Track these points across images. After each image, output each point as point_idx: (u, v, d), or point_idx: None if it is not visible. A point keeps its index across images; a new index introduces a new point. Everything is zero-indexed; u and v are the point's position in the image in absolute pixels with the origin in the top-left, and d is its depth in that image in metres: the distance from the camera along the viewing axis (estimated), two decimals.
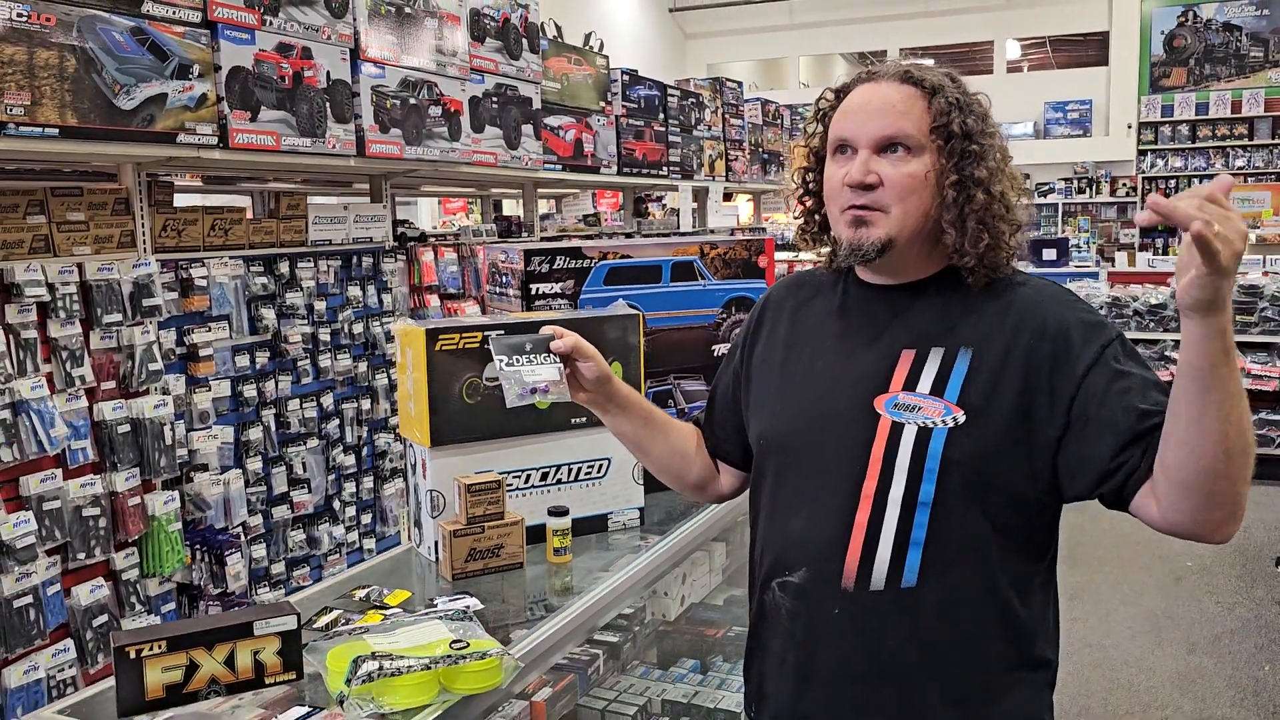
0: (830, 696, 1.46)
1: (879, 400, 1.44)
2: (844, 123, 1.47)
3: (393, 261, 4.01)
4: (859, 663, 1.43)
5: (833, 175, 1.48)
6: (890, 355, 1.46)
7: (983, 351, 1.42)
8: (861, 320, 1.52)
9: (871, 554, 1.41)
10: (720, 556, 2.88)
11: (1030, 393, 1.38)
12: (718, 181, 6.64)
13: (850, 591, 1.42)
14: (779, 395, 1.57)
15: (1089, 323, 1.40)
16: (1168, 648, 4.44)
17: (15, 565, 2.57)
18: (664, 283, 2.51)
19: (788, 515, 1.51)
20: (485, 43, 4.18)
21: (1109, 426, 1.33)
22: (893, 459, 1.41)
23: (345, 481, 3.82)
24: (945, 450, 1.38)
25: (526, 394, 1.61)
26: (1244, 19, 14.08)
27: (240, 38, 2.97)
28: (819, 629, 1.46)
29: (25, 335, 2.65)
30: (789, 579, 1.49)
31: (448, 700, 1.48)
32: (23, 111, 2.40)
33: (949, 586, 1.40)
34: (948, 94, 1.44)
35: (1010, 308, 1.44)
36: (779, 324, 1.63)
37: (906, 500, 1.40)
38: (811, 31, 16.23)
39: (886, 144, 1.43)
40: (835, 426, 1.47)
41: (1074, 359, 1.37)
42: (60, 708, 1.53)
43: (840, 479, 1.45)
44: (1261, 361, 6.87)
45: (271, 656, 1.53)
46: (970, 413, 1.39)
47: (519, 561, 2.04)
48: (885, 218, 1.42)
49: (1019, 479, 1.40)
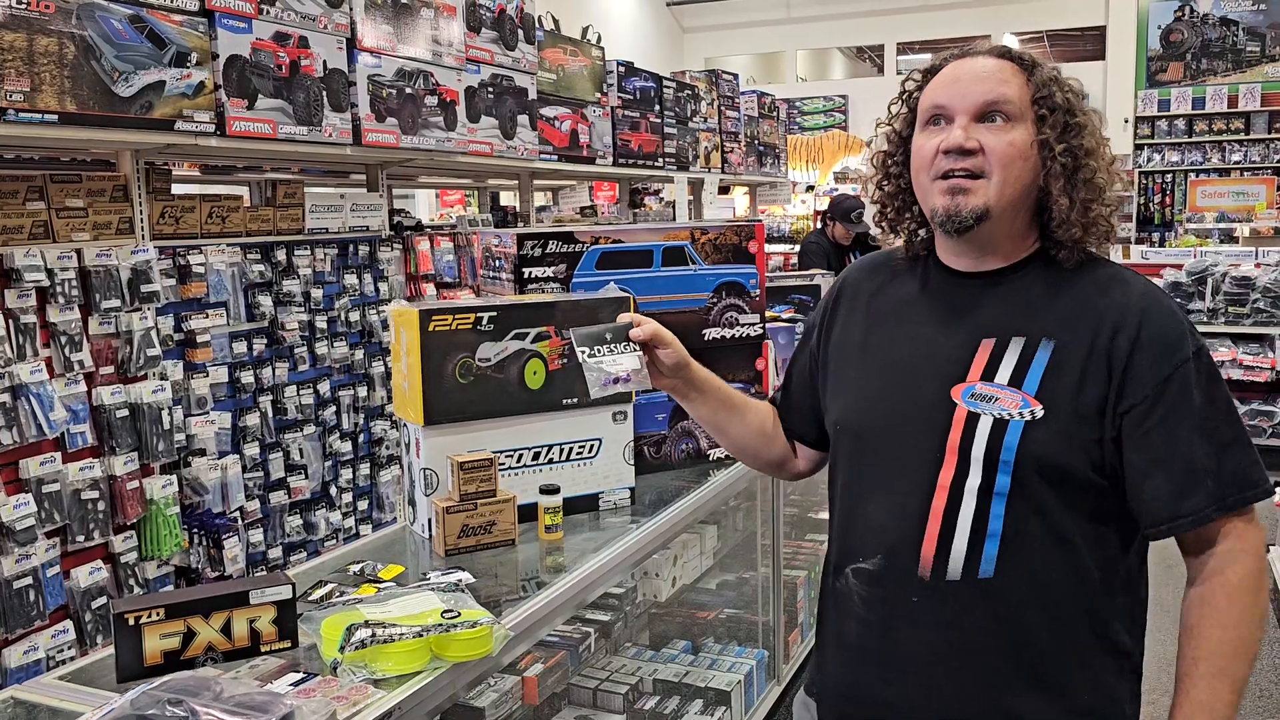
0: (909, 682, 1.45)
1: (956, 389, 1.43)
2: (939, 91, 1.45)
3: (389, 250, 4.04)
4: (938, 649, 1.42)
5: (924, 145, 1.45)
6: (970, 344, 1.44)
7: (1066, 344, 1.40)
8: (942, 306, 1.50)
9: (947, 545, 1.40)
10: (711, 539, 2.92)
11: (1108, 390, 1.38)
12: (713, 173, 6.67)
13: (926, 580, 1.41)
14: (857, 380, 1.55)
15: (1174, 335, 1.39)
16: (1156, 634, 4.44)
17: (15, 547, 2.61)
18: (655, 267, 2.54)
19: (863, 502, 1.50)
20: (481, 33, 4.21)
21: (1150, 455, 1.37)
22: (969, 449, 1.40)
23: (342, 468, 3.85)
24: (1021, 443, 1.37)
25: (609, 384, 1.59)
26: (1241, 13, 14.10)
27: (238, 26, 3.00)
28: (896, 616, 1.45)
29: (25, 320, 2.68)
30: (863, 566, 1.48)
31: (439, 667, 1.52)
32: (22, 98, 2.43)
33: (1025, 577, 1.39)
34: (1045, 70, 1.44)
35: (1098, 301, 1.42)
36: (856, 307, 1.61)
37: (983, 491, 1.39)
38: (808, 25, 16.23)
39: (986, 111, 1.41)
40: (912, 414, 1.45)
41: (1143, 372, 1.37)
42: (61, 674, 1.57)
43: (916, 467, 1.44)
44: (1254, 353, 6.91)
45: (267, 625, 1.56)
46: (1048, 407, 1.38)
47: (511, 538, 2.08)
48: (984, 186, 1.40)
49: (1094, 472, 1.39)
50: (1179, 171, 14.14)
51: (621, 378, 1.59)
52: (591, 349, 1.60)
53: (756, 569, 3.29)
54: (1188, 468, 1.36)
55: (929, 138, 1.44)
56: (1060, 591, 1.40)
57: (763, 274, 2.74)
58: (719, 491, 2.55)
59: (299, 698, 1.37)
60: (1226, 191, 11.46)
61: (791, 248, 10.08)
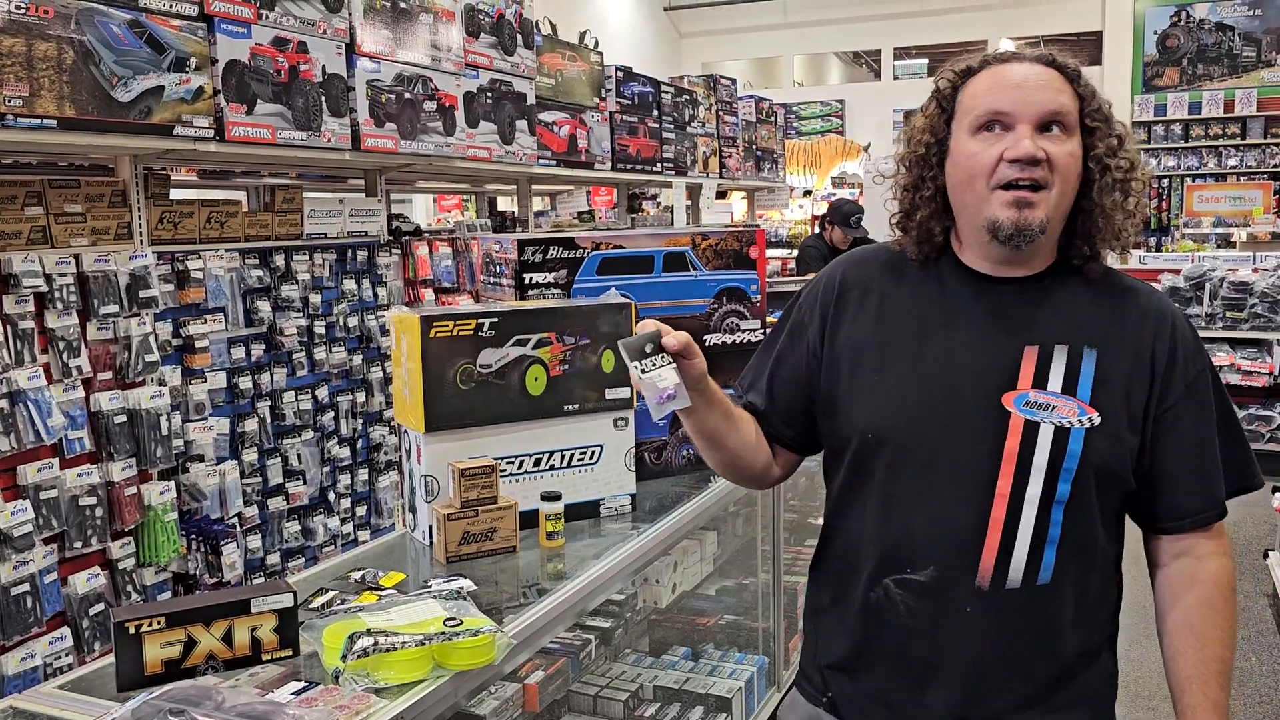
0: (957, 691, 1.44)
1: (1007, 397, 1.42)
2: (998, 97, 1.41)
3: (388, 255, 4.04)
4: (989, 658, 1.43)
5: (982, 152, 1.41)
6: (1013, 351, 1.44)
7: (1107, 352, 1.43)
8: (975, 313, 1.47)
9: (1008, 553, 1.40)
10: (711, 545, 2.91)
11: (1150, 395, 1.44)
12: (711, 178, 6.66)
13: (985, 590, 1.41)
14: (886, 386, 1.49)
15: (1196, 341, 1.49)
16: (1155, 639, 4.47)
17: (12, 554, 2.60)
18: (656, 273, 2.54)
19: (907, 512, 1.46)
20: (480, 38, 4.20)
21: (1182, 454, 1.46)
22: (1029, 458, 1.39)
23: (340, 473, 3.84)
24: (1084, 451, 1.39)
25: (664, 400, 1.47)
26: (1237, 19, 14.14)
27: (237, 31, 2.99)
28: (948, 627, 1.43)
29: (22, 325, 2.67)
30: (912, 577, 1.45)
31: (441, 676, 1.51)
32: (21, 103, 2.42)
33: (1077, 581, 1.43)
34: (1086, 79, 1.45)
35: (1132, 308, 1.47)
36: (866, 306, 1.54)
37: (1044, 499, 1.40)
38: (806, 31, 16.26)
39: (1047, 121, 1.40)
40: (961, 423, 1.43)
41: (1178, 374, 1.45)
42: (61, 683, 1.56)
43: (971, 476, 1.42)
44: (1252, 358, 6.92)
45: (268, 634, 1.56)
46: (1103, 414, 1.41)
47: (512, 545, 2.07)
48: (1046, 197, 1.39)
49: (1133, 476, 1.46)
50: (1175, 176, 14.16)
51: (669, 394, 1.47)
52: (641, 363, 1.47)
53: (756, 575, 3.28)
54: (1213, 463, 1.46)
55: (986, 145, 1.41)
56: (1097, 592, 1.47)
57: (764, 279, 2.73)
58: (719, 498, 2.54)
59: (301, 707, 1.36)
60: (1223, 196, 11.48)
61: (789, 252, 10.08)
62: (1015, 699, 1.44)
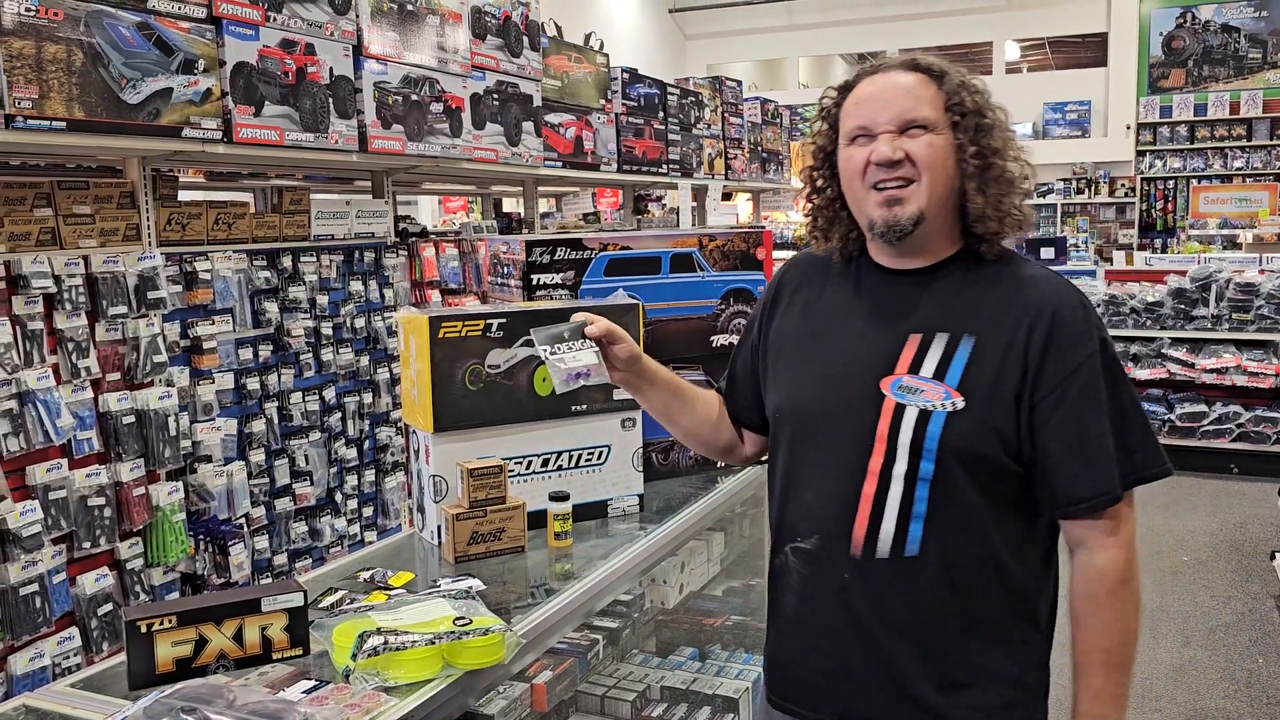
0: (841, 652, 1.57)
1: (885, 382, 1.53)
2: (861, 110, 1.55)
3: (394, 257, 4.04)
4: (867, 622, 1.54)
5: (854, 156, 1.55)
6: (898, 339, 1.55)
7: (985, 339, 1.51)
8: (874, 304, 1.61)
9: (877, 525, 1.53)
10: (719, 546, 2.91)
11: (1023, 382, 1.49)
12: (717, 180, 6.67)
13: (858, 559, 1.54)
14: (795, 372, 1.66)
15: (1082, 329, 1.50)
16: (1163, 640, 4.47)
17: (21, 554, 2.60)
18: (663, 274, 2.54)
19: (801, 486, 1.62)
20: (486, 40, 4.21)
21: (1062, 441, 1.49)
22: (895, 438, 1.51)
23: (347, 474, 3.85)
24: (943, 433, 1.49)
25: (572, 379, 1.71)
26: (1242, 20, 14.12)
27: (245, 33, 3.00)
28: (829, 592, 1.57)
29: (32, 326, 2.68)
30: (801, 545, 1.61)
31: (451, 674, 1.51)
32: (31, 105, 2.43)
33: (948, 555, 1.51)
34: (954, 77, 1.54)
35: (1018, 298, 1.53)
36: (795, 303, 1.72)
37: (909, 476, 1.50)
38: (811, 33, 16.27)
39: (907, 126, 1.51)
40: (845, 405, 1.56)
41: (1053, 363, 1.49)
42: (72, 681, 1.57)
43: (848, 454, 1.55)
44: (1258, 359, 6.90)
45: (279, 632, 1.56)
46: (968, 398, 1.49)
47: (520, 545, 2.07)
48: (916, 191, 1.51)
49: (1011, 460, 1.51)
50: (1181, 178, 14.14)
51: (582, 372, 1.72)
52: (552, 347, 1.73)
53: (763, 576, 3.27)
54: (1096, 452, 1.48)
55: (857, 150, 1.55)
56: (977, 569, 1.52)
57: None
58: (726, 498, 2.54)
59: (312, 705, 1.37)
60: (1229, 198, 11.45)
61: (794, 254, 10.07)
62: (903, 666, 1.53)
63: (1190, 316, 7.20)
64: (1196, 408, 7.06)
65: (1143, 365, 7.29)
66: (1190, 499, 6.55)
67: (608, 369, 1.76)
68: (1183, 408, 7.09)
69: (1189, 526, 5.99)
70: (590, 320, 1.75)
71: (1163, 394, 7.31)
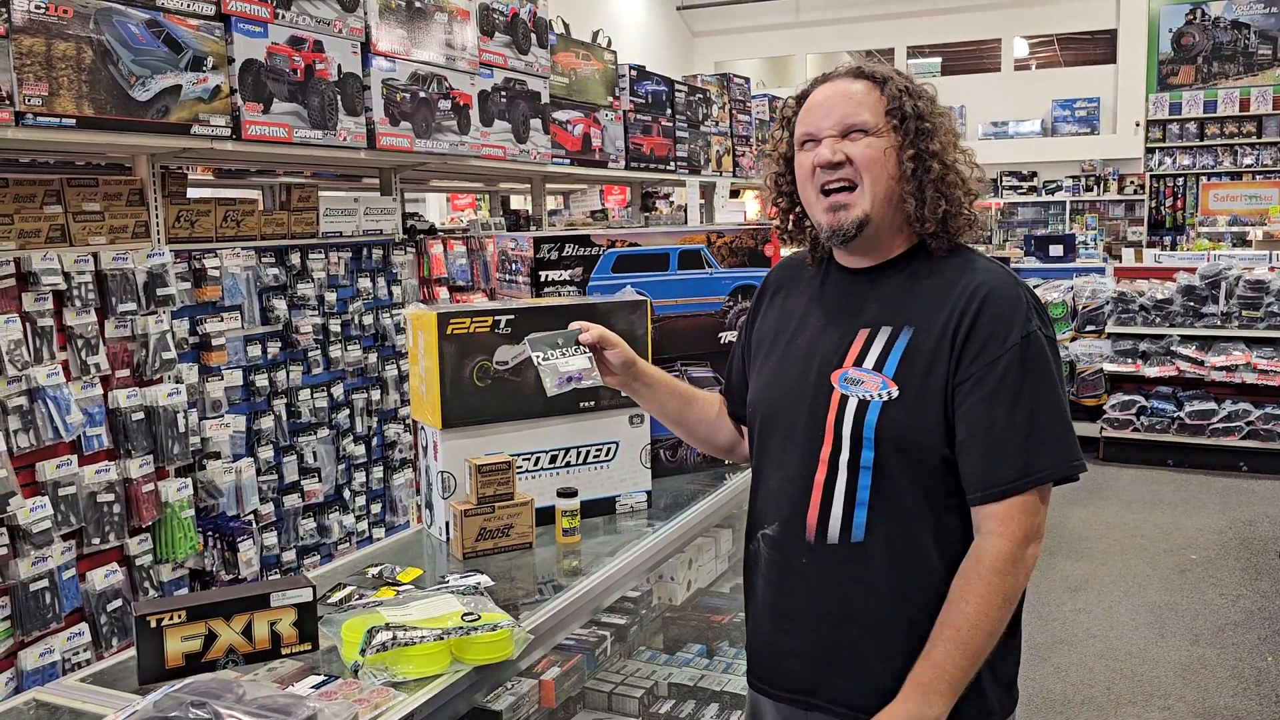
0: (805, 634, 1.65)
1: (835, 374, 1.61)
2: (807, 118, 1.63)
3: (402, 254, 4.05)
4: (825, 605, 1.62)
5: (803, 162, 1.64)
6: (850, 333, 1.63)
7: (921, 330, 1.57)
8: (834, 301, 1.69)
9: (827, 512, 1.60)
10: (726, 543, 2.91)
11: (949, 369, 1.54)
12: (725, 177, 6.66)
13: (812, 544, 1.62)
14: (766, 369, 1.76)
15: (1008, 319, 1.53)
16: (1171, 639, 4.46)
17: (31, 549, 2.62)
18: (671, 270, 2.54)
19: (766, 476, 1.72)
20: (494, 37, 4.21)
21: (970, 428, 1.52)
22: (840, 428, 1.58)
23: (355, 471, 3.86)
24: (879, 421, 1.55)
25: (564, 383, 1.81)
26: (1252, 16, 14.06)
27: (253, 30, 3.01)
28: (790, 576, 1.65)
29: (42, 323, 2.69)
30: (767, 531, 1.69)
31: (459, 670, 1.51)
32: (41, 102, 2.44)
33: (891, 541, 1.57)
34: (897, 83, 1.61)
35: (954, 289, 1.58)
36: (775, 304, 1.81)
37: (851, 464, 1.58)
38: (818, 29, 16.23)
39: (847, 130, 1.58)
40: (801, 398, 1.64)
41: (973, 351, 1.52)
42: (82, 676, 1.57)
43: (803, 444, 1.63)
44: (1268, 357, 6.87)
45: (288, 628, 1.56)
46: (902, 388, 1.55)
47: (528, 542, 2.07)
48: (859, 195, 1.58)
49: (944, 446, 1.55)
50: (1190, 175, 14.09)
51: (574, 376, 1.81)
52: (545, 353, 1.82)
53: None
54: (1003, 442, 1.51)
55: (805, 155, 1.63)
56: (922, 554, 1.56)
57: None
58: (734, 495, 2.54)
59: (321, 700, 1.37)
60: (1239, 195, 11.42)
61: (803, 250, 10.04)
62: (859, 641, 1.59)
63: (1200, 314, 7.18)
64: (1206, 405, 7.03)
65: (1152, 363, 7.27)
66: (1199, 497, 6.53)
67: (603, 373, 1.85)
68: (1192, 405, 7.07)
69: (1198, 524, 5.98)
70: (585, 328, 1.85)
71: (1172, 391, 7.29)
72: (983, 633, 1.50)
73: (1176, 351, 7.18)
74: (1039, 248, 9.96)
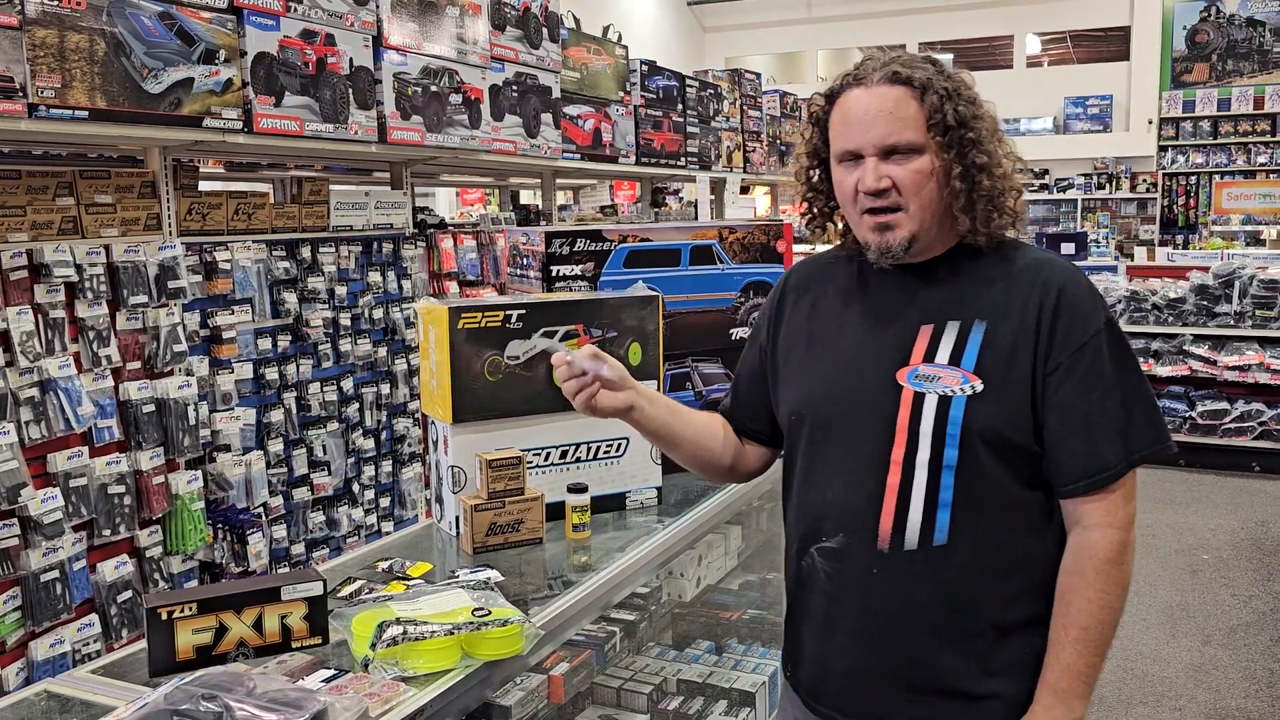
0: (871, 649, 1.56)
1: (901, 373, 1.54)
2: (846, 132, 1.55)
3: (413, 248, 4.05)
4: (896, 617, 1.53)
5: (845, 181, 1.57)
6: (910, 331, 1.56)
7: (997, 323, 1.52)
8: (881, 300, 1.62)
9: (904, 516, 1.52)
10: (735, 540, 2.91)
11: (1034, 360, 1.50)
12: (735, 173, 6.65)
13: (885, 553, 1.53)
14: (808, 373, 1.66)
15: (1088, 307, 1.52)
16: (1183, 639, 4.43)
17: (43, 540, 2.62)
18: (683, 266, 2.53)
19: (822, 485, 1.61)
20: (506, 31, 4.20)
21: (1064, 417, 1.49)
22: (917, 426, 1.51)
23: (364, 465, 3.86)
24: (965, 416, 1.49)
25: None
26: (1267, 14, 13.97)
27: (265, 23, 3.00)
28: (857, 589, 1.56)
29: (54, 315, 2.70)
30: (826, 544, 1.59)
31: (470, 665, 1.51)
32: (53, 94, 2.44)
33: (976, 541, 1.51)
34: (936, 87, 1.52)
35: (1023, 281, 1.54)
36: (801, 305, 1.72)
37: (933, 464, 1.50)
38: (829, 25, 16.19)
39: (889, 151, 1.52)
40: (862, 400, 1.56)
41: (1060, 340, 1.49)
42: (93, 667, 1.57)
43: (870, 448, 1.54)
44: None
45: (298, 621, 1.56)
46: (986, 381, 1.50)
47: (538, 537, 2.07)
48: (905, 216, 1.52)
49: (1030, 438, 1.51)
50: (1204, 173, 14.01)
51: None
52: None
53: (780, 570, 3.27)
54: (1098, 429, 1.49)
55: (847, 173, 1.56)
56: (1007, 554, 1.52)
57: None
58: (743, 492, 2.53)
59: (331, 694, 1.37)
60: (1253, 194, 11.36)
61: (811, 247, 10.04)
62: (927, 650, 1.52)
63: (1212, 313, 7.14)
64: (1218, 405, 7.00)
65: (1164, 362, 7.23)
66: (1211, 497, 6.50)
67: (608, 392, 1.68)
68: (1204, 405, 7.03)
69: (1210, 525, 5.95)
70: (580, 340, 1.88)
71: (1184, 391, 7.25)
72: (1109, 626, 1.50)
73: (1189, 351, 7.14)
74: (1051, 246, 9.91)
